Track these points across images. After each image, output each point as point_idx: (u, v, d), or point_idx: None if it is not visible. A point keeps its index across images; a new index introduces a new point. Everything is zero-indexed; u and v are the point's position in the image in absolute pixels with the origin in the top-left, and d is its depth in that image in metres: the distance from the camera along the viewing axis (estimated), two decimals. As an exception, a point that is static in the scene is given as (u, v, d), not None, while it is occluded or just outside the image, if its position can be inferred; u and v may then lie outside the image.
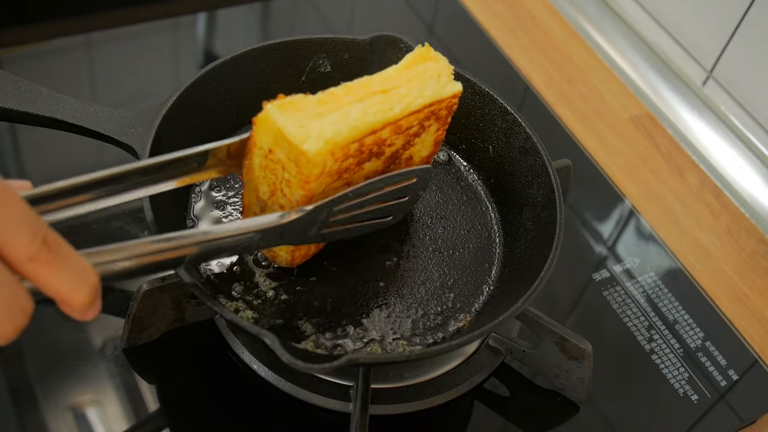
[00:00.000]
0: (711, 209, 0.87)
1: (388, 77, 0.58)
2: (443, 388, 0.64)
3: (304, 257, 0.63)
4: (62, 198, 0.46)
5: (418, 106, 0.57)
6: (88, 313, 0.37)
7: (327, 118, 0.53)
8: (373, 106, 0.55)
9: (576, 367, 0.64)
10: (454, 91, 0.60)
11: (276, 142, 0.53)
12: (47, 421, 0.59)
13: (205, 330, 0.65)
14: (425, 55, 0.60)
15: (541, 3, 1.06)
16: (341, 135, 0.53)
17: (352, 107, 0.55)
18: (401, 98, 0.57)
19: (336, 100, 0.55)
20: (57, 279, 0.35)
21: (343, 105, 0.55)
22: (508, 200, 0.71)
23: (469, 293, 0.66)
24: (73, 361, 0.63)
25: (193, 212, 0.67)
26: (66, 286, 0.35)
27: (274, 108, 0.53)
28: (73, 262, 0.36)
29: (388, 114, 0.56)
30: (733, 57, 0.90)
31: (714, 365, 0.71)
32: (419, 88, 0.58)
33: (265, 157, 0.55)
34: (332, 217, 0.56)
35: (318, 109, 0.54)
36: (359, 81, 0.57)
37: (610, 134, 0.92)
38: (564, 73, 0.98)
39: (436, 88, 0.59)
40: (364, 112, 0.55)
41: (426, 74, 0.59)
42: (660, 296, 0.76)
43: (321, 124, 0.53)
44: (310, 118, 0.53)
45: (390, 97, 0.56)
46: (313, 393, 0.62)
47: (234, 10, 0.98)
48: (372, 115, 0.55)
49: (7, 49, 0.87)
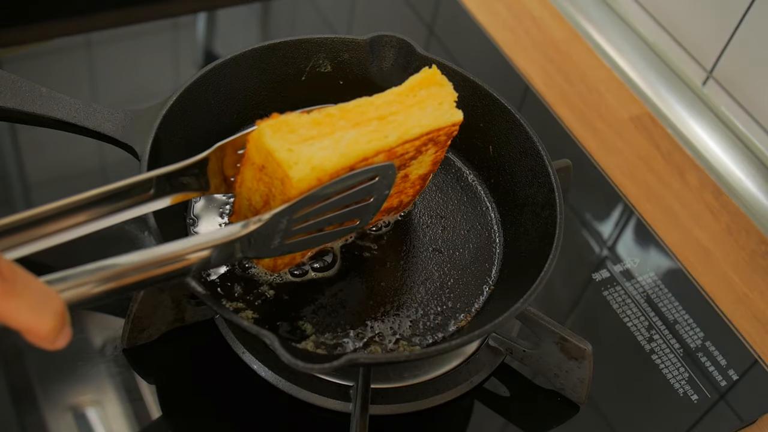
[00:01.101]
0: (711, 209, 0.87)
1: (388, 101, 0.57)
2: (443, 388, 0.64)
3: (287, 265, 0.63)
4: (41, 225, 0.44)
5: (414, 135, 0.57)
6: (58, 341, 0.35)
7: (318, 143, 0.53)
8: (367, 134, 0.54)
9: (576, 367, 0.64)
10: (454, 120, 0.59)
11: (266, 161, 0.53)
12: (47, 421, 0.59)
13: (205, 330, 0.65)
14: (431, 78, 0.59)
15: (541, 3, 1.06)
16: (330, 162, 0.52)
17: (345, 133, 0.54)
18: (397, 126, 0.56)
19: (330, 123, 0.54)
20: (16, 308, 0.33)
21: (336, 129, 0.54)
22: (508, 200, 0.71)
23: (469, 293, 0.66)
24: (73, 361, 0.63)
25: (193, 212, 0.67)
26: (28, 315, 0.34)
27: (266, 128, 0.52)
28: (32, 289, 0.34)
29: (381, 142, 0.55)
30: (733, 57, 0.90)
31: (714, 365, 0.71)
32: (417, 116, 0.57)
33: (259, 171, 0.54)
34: (295, 225, 0.53)
35: (310, 132, 0.53)
36: (357, 103, 0.56)
37: (610, 134, 0.92)
38: (564, 73, 0.98)
39: (436, 116, 0.58)
40: (356, 141, 0.54)
41: (427, 101, 0.58)
42: (660, 296, 0.76)
43: (311, 150, 0.52)
44: (300, 142, 0.52)
45: (386, 125, 0.56)
46: (313, 393, 0.62)
47: (234, 10, 0.98)
48: (365, 143, 0.54)
49: (7, 49, 0.87)
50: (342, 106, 0.56)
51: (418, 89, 0.59)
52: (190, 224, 0.66)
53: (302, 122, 0.54)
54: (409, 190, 0.66)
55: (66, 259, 0.69)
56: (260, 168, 0.54)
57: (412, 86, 0.59)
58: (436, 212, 0.71)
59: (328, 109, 0.55)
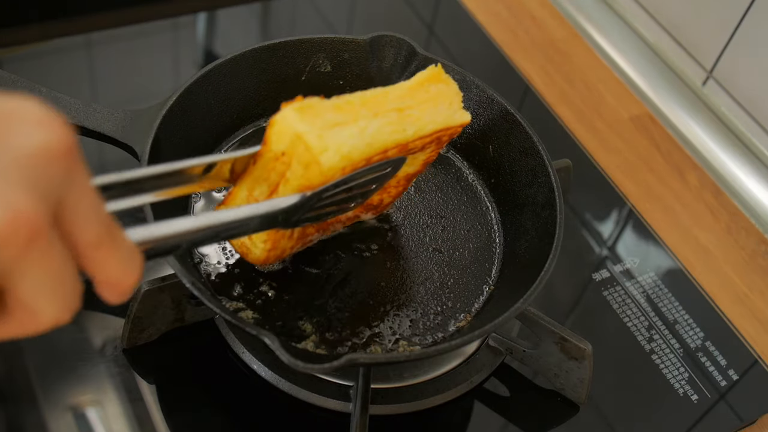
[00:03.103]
0: (711, 209, 0.87)
1: (402, 95, 0.57)
2: (443, 388, 0.64)
3: (277, 258, 0.62)
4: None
5: (429, 131, 0.57)
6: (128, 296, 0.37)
7: (345, 130, 0.53)
8: (388, 125, 0.55)
9: (576, 367, 0.64)
10: (463, 121, 0.59)
11: (291, 145, 0.52)
12: (47, 421, 0.59)
13: (205, 330, 0.65)
14: (437, 75, 0.59)
15: (541, 3, 1.06)
16: (357, 151, 0.53)
17: (369, 123, 0.54)
18: (415, 121, 0.56)
19: (351, 110, 0.54)
20: (112, 263, 0.34)
21: (359, 117, 0.54)
22: (508, 200, 0.71)
23: (469, 293, 0.66)
24: (73, 361, 0.63)
25: (193, 212, 0.67)
26: (119, 269, 0.34)
27: (292, 111, 0.52)
28: (125, 245, 0.35)
29: (401, 135, 0.55)
30: (733, 57, 0.90)
31: (714, 365, 0.71)
32: (432, 112, 0.57)
33: (274, 160, 0.54)
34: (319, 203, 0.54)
35: (335, 118, 0.53)
36: (374, 93, 0.56)
37: (610, 134, 0.92)
38: (564, 73, 0.98)
39: (448, 115, 0.58)
40: (380, 131, 0.54)
41: (438, 99, 0.58)
42: (660, 296, 0.76)
43: (340, 137, 0.52)
44: (327, 128, 0.52)
45: (404, 118, 0.56)
46: (313, 393, 0.62)
47: (234, 10, 0.98)
48: (387, 135, 0.54)
49: (7, 49, 0.87)
50: (360, 94, 0.56)
51: (428, 85, 0.59)
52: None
53: (325, 107, 0.53)
54: (393, 190, 0.66)
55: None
56: (277, 157, 0.53)
57: (421, 82, 0.59)
58: (436, 212, 0.71)
59: (347, 96, 0.55)
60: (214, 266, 0.63)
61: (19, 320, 0.32)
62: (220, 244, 0.65)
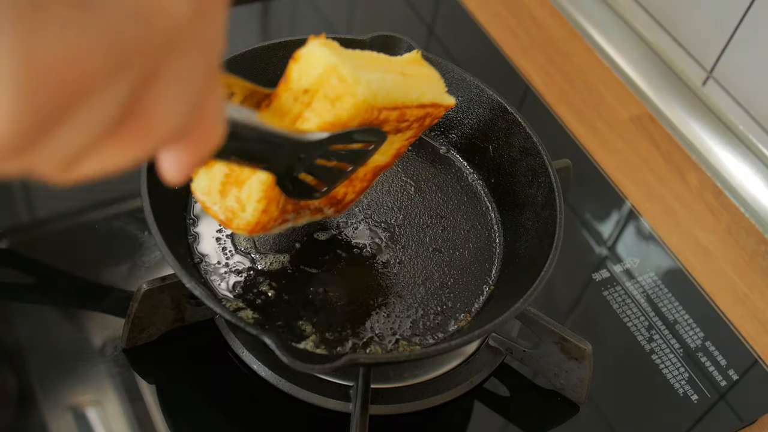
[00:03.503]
0: (711, 209, 0.87)
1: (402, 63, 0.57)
2: (443, 388, 0.64)
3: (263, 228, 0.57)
4: None
5: (428, 101, 0.57)
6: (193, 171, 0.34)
7: (371, 73, 0.51)
8: (400, 84, 0.54)
9: (576, 367, 0.64)
10: (449, 103, 0.60)
11: (319, 80, 0.50)
12: (47, 421, 0.59)
13: (205, 330, 0.65)
14: (419, 60, 0.60)
15: (541, 3, 1.06)
16: (383, 93, 0.52)
17: (387, 74, 0.53)
18: (417, 86, 0.56)
19: (368, 60, 0.53)
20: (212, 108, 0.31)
21: (376, 69, 0.53)
22: (508, 200, 0.71)
23: (469, 293, 0.66)
24: (73, 361, 0.63)
25: (193, 212, 0.67)
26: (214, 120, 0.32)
27: (322, 46, 0.50)
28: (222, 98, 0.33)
29: (408, 96, 0.55)
30: (733, 57, 0.90)
31: (714, 365, 0.71)
32: (425, 86, 0.57)
33: (295, 100, 0.52)
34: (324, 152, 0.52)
35: (358, 62, 0.52)
36: (379, 55, 0.56)
37: (610, 134, 0.92)
38: (564, 73, 0.98)
39: (438, 93, 0.58)
40: (395, 83, 0.53)
41: (425, 77, 0.59)
42: (660, 296, 0.76)
43: (368, 75, 0.51)
44: (356, 67, 0.51)
45: (408, 81, 0.55)
46: (313, 393, 0.62)
47: (234, 10, 0.98)
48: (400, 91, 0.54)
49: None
50: (369, 52, 0.55)
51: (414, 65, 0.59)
52: (191, 224, 0.66)
53: (345, 51, 0.52)
54: (358, 184, 0.63)
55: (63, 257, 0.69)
56: (297, 96, 0.51)
57: (407, 61, 0.59)
58: (436, 212, 0.71)
59: (359, 51, 0.54)
60: (214, 266, 0.63)
61: (135, 126, 0.28)
62: (219, 244, 0.65)
